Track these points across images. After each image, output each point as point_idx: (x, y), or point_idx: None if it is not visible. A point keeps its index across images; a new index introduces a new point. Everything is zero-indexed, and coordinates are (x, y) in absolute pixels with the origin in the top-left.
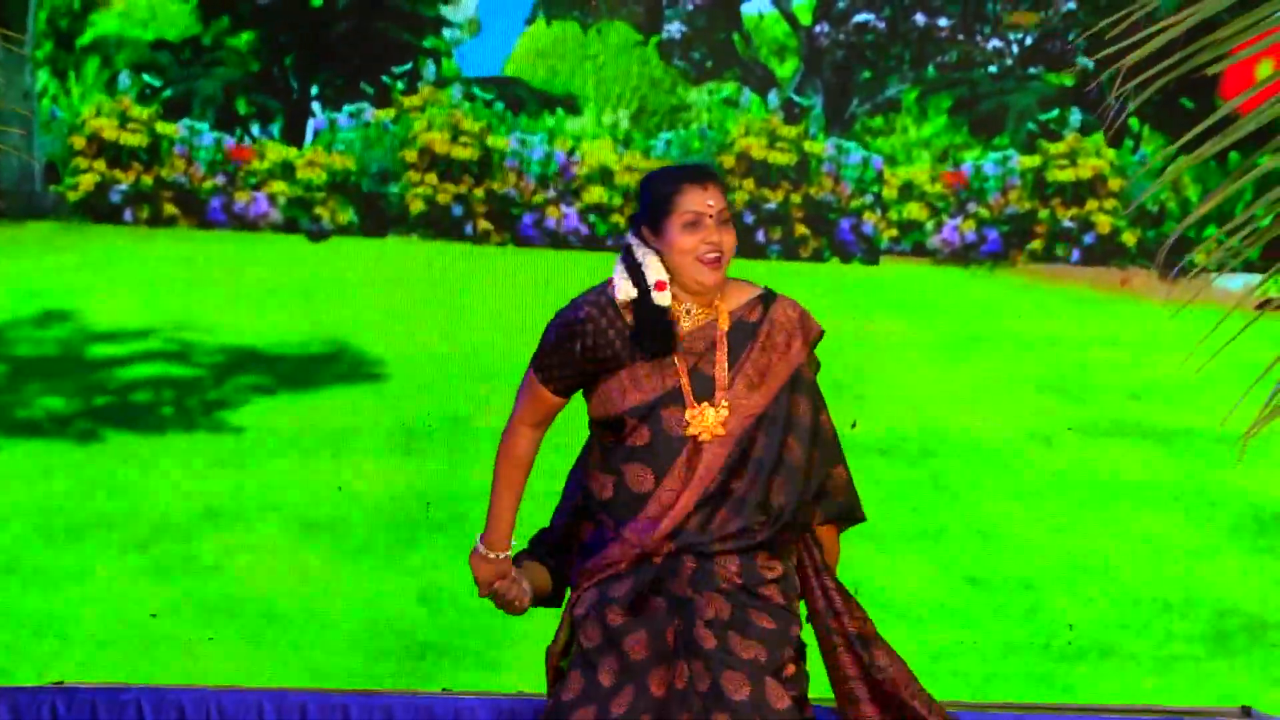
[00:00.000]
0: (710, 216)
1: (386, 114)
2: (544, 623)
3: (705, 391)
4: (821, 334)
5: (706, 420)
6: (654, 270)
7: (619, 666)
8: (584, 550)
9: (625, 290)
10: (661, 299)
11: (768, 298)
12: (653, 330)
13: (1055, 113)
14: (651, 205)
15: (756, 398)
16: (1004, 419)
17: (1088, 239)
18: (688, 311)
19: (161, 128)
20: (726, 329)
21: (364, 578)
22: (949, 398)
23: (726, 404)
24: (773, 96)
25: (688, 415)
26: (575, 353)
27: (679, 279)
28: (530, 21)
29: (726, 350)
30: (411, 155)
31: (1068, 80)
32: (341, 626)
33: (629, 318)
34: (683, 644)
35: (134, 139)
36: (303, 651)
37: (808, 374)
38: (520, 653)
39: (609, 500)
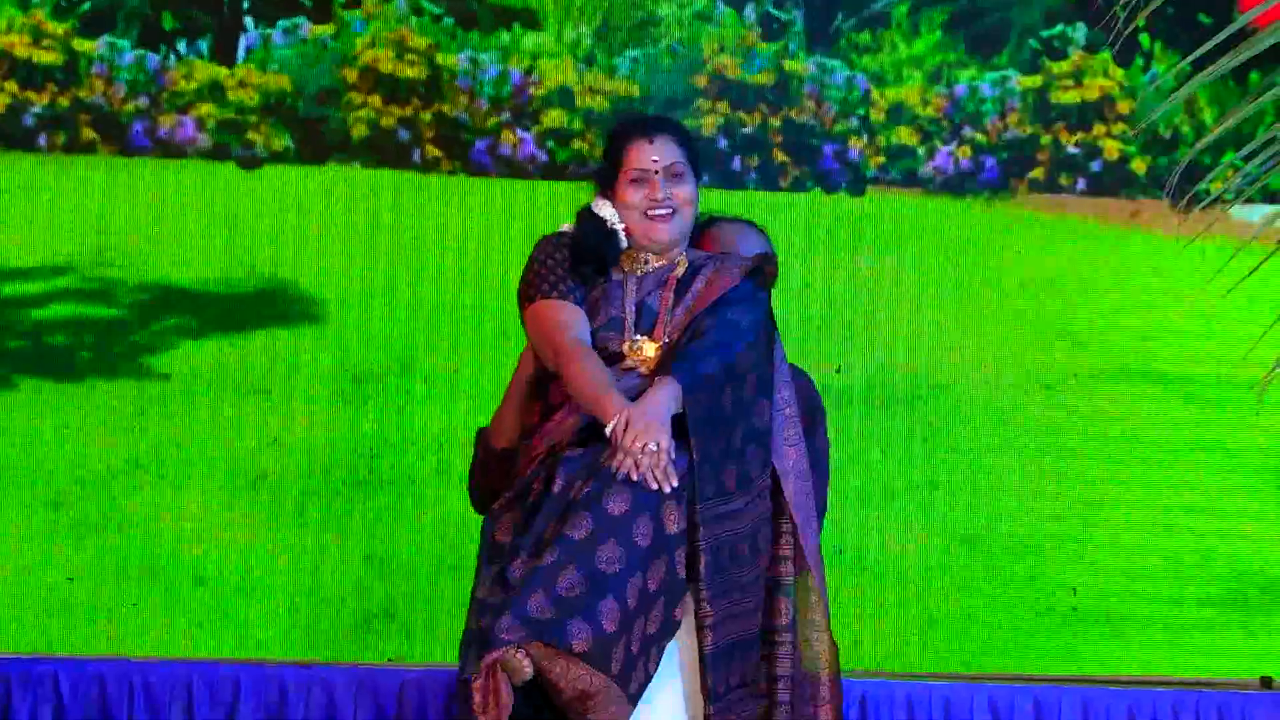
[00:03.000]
0: (656, 172)
1: (325, 29)
2: None
3: (647, 325)
4: (762, 256)
5: (644, 352)
6: (610, 213)
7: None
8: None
9: (568, 226)
10: (623, 236)
11: (729, 251)
12: (594, 245)
13: (1059, 28)
14: (604, 165)
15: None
16: (1002, 364)
17: (1094, 166)
18: (646, 261)
19: (79, 44)
20: (680, 274)
21: (302, 538)
22: (942, 341)
23: (667, 339)
24: (749, 10)
25: (625, 346)
26: (561, 260)
27: (633, 236)
28: None
29: (674, 289)
30: (353, 75)
31: None
32: (277, 591)
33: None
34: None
35: (49, 57)
36: (234, 619)
37: (737, 293)
38: None
39: (534, 423)
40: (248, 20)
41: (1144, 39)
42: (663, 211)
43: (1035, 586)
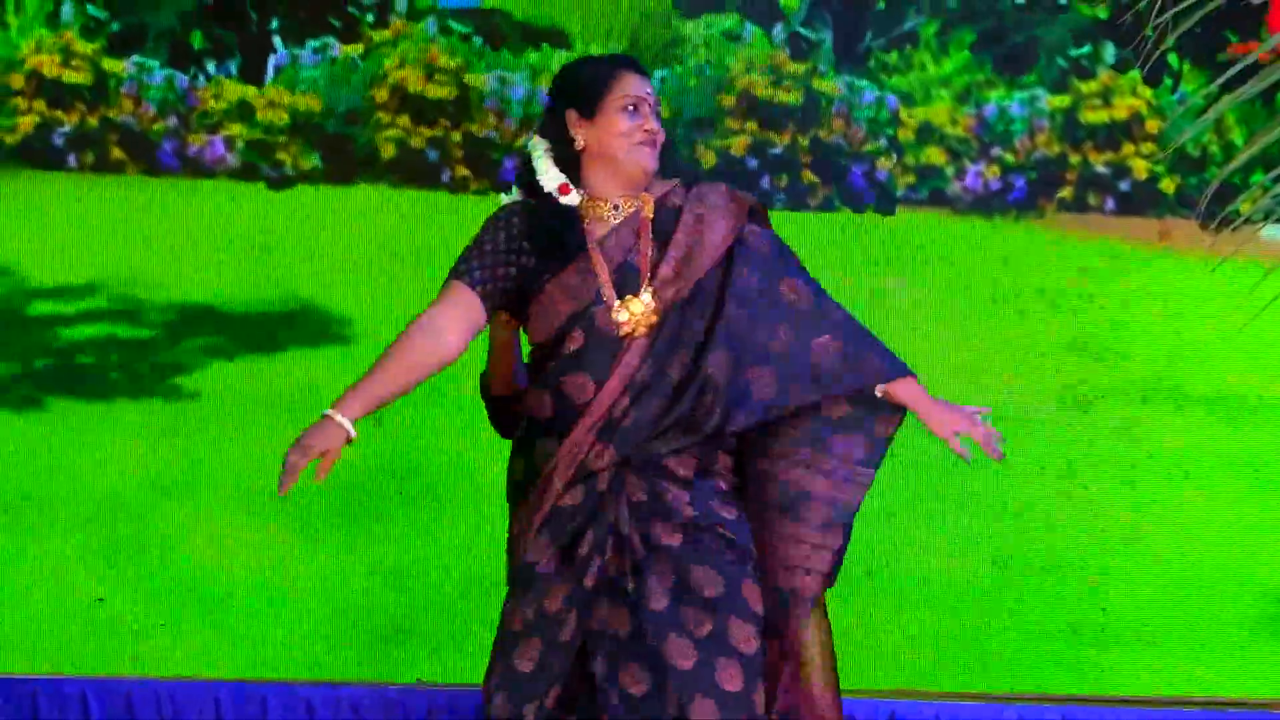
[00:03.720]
0: (649, 105)
1: (354, 49)
2: None
3: (632, 285)
4: (758, 204)
5: (635, 313)
6: (551, 176)
7: (533, 618)
8: (523, 483)
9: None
10: (569, 199)
11: (691, 183)
12: (557, 229)
13: (1088, 48)
14: (584, 87)
15: (683, 280)
16: (1031, 383)
17: (1123, 186)
18: (615, 207)
19: (108, 64)
20: (651, 217)
21: (330, 557)
22: (971, 360)
23: (652, 292)
24: (778, 30)
25: (614, 314)
26: (500, 242)
27: (614, 167)
28: None
29: (651, 237)
30: (382, 95)
31: (1101, 12)
32: (305, 611)
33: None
34: (607, 589)
35: (78, 76)
36: (262, 639)
37: (755, 244)
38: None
39: (550, 418)
40: (276, 40)
41: (1173, 59)
42: (651, 142)
43: (1064, 605)
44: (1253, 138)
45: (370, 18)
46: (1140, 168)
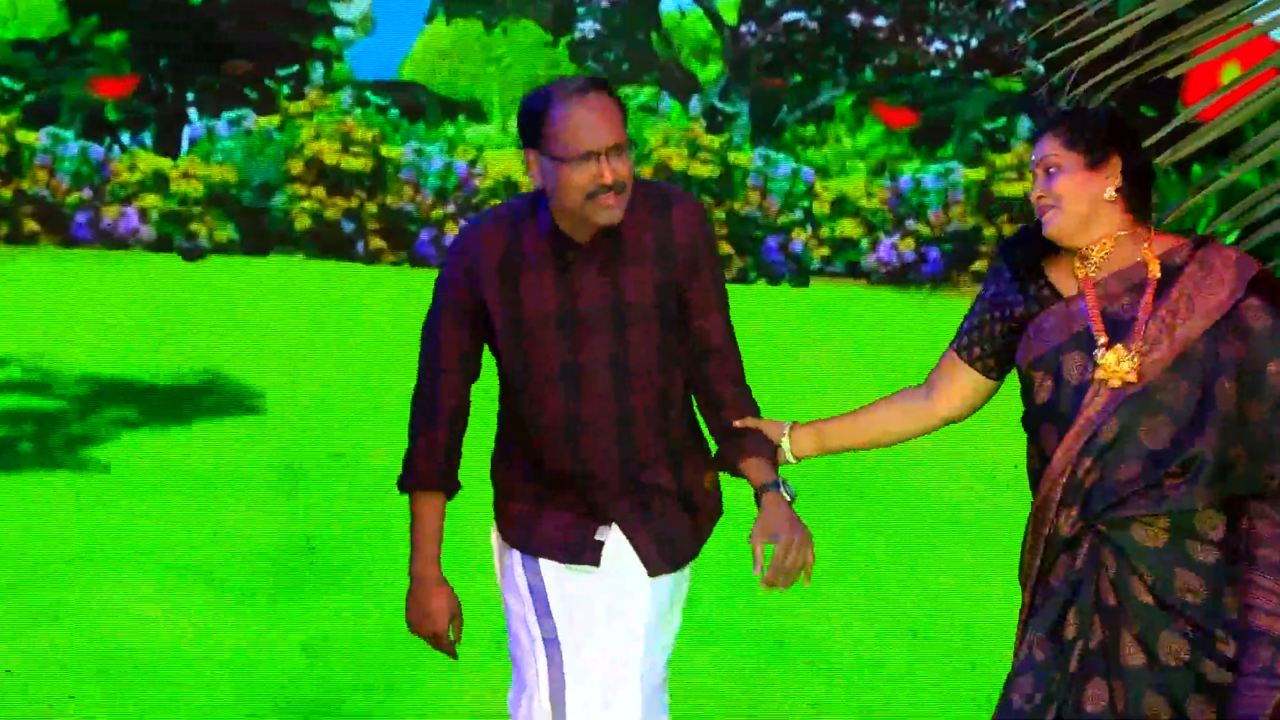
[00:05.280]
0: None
1: (270, 121)
2: (441, 675)
3: (1121, 334)
4: (1265, 272)
5: (1112, 364)
6: None
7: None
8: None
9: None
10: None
11: (1200, 243)
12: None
13: (1002, 121)
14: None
15: (1173, 341)
16: (946, 455)
17: None
18: (1107, 255)
19: (22, 136)
20: (1159, 276)
21: (243, 629)
22: None
23: (1141, 348)
24: (694, 103)
25: (1096, 357)
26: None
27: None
28: (429, 19)
29: (1154, 294)
30: (298, 166)
31: (1016, 85)
32: (219, 682)
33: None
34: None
35: None
36: (176, 710)
37: (1251, 319)
38: (419, 706)
39: (1032, 471)
40: (192, 112)
41: None
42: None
43: (972, 677)
44: (1168, 210)
45: (286, 89)
46: None
